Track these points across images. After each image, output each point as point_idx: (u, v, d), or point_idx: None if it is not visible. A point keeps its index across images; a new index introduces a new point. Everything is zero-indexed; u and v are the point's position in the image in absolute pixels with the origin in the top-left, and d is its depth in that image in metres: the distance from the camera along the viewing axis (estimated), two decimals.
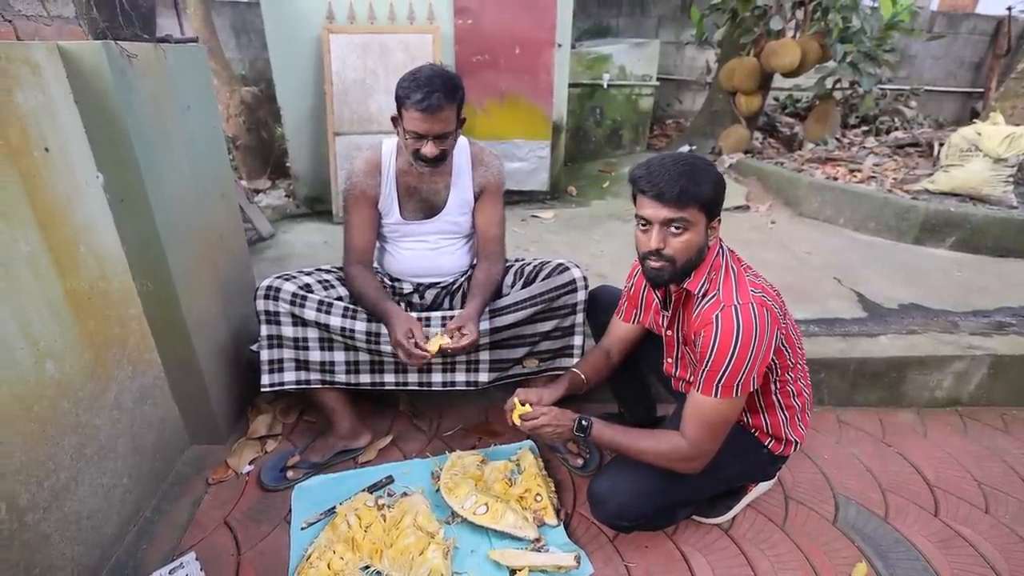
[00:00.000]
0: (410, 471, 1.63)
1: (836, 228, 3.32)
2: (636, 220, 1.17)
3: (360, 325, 1.52)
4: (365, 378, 1.62)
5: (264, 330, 1.53)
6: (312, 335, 1.56)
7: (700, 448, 1.18)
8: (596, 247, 2.94)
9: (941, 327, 2.14)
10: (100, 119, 1.26)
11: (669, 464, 1.21)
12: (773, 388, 1.29)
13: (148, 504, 1.50)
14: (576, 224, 3.35)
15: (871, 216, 3.20)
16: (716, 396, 1.13)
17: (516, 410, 1.31)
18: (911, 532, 1.47)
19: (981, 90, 6.38)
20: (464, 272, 1.72)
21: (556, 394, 1.38)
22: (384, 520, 1.40)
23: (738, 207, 3.63)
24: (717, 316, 1.13)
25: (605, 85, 4.67)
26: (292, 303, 1.50)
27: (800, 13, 4.13)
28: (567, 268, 1.57)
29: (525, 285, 1.61)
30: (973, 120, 3.78)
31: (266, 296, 1.50)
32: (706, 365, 1.14)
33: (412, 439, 1.80)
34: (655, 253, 1.14)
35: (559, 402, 1.35)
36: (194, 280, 1.55)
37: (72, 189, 1.22)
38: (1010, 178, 3.10)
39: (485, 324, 1.53)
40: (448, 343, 1.42)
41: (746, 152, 4.43)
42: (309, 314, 1.50)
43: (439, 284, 1.71)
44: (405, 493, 1.52)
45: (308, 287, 1.54)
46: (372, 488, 1.55)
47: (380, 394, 1.79)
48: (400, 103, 1.40)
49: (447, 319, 1.55)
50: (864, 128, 5.15)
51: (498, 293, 1.64)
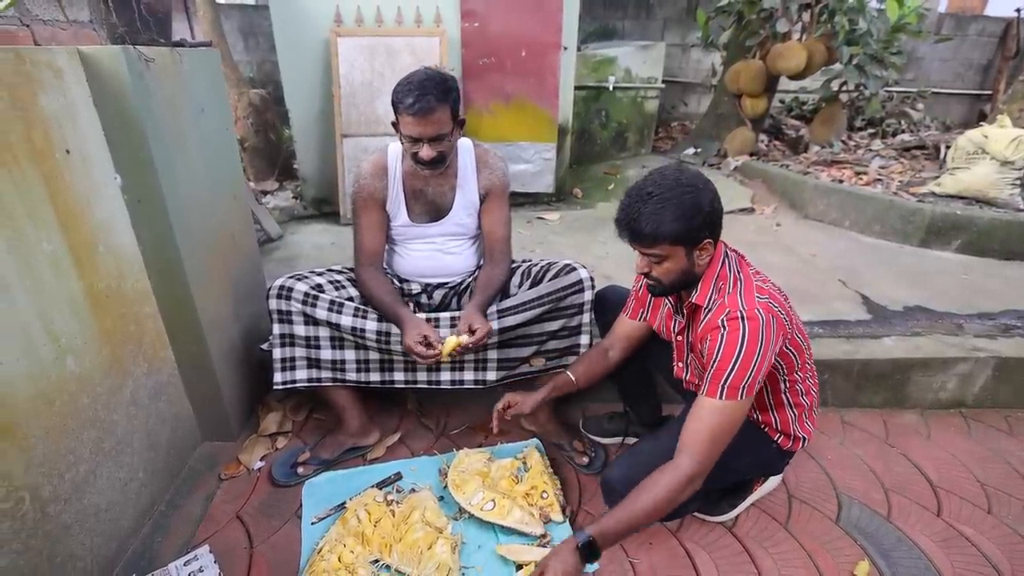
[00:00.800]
0: (418, 468, 1.65)
1: (841, 230, 3.32)
2: None
3: (371, 325, 1.54)
4: (375, 376, 1.65)
5: (276, 329, 1.56)
6: (323, 334, 1.58)
7: (698, 459, 1.14)
8: (601, 249, 2.96)
9: (946, 329, 2.14)
10: (118, 122, 1.28)
11: (678, 499, 1.16)
12: (783, 387, 1.32)
13: (162, 498, 1.53)
14: (581, 226, 3.37)
15: (877, 218, 3.20)
16: (721, 398, 1.15)
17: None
18: (913, 532, 1.49)
19: (989, 92, 6.33)
20: (471, 272, 1.75)
21: (540, 396, 1.46)
22: (393, 515, 1.42)
23: (743, 209, 3.63)
24: (723, 321, 1.16)
25: (610, 87, 4.68)
26: (304, 302, 1.53)
27: (806, 15, 4.12)
28: (574, 268, 1.60)
29: (532, 285, 1.64)
30: (981, 123, 3.76)
31: (279, 295, 1.53)
32: (712, 367, 1.16)
33: (420, 437, 1.83)
34: (644, 274, 1.24)
35: (554, 401, 1.36)
36: (207, 279, 1.58)
37: (91, 190, 1.25)
38: (1017, 181, 3.09)
39: (494, 323, 1.55)
40: (465, 340, 1.44)
41: (751, 154, 4.42)
42: (320, 314, 1.53)
43: (447, 284, 1.73)
44: (413, 489, 1.55)
45: (320, 287, 1.57)
46: (381, 484, 1.58)
47: (388, 393, 1.82)
48: (395, 108, 1.42)
49: (455, 320, 1.57)
50: (870, 131, 5.12)
51: (504, 293, 1.67)
